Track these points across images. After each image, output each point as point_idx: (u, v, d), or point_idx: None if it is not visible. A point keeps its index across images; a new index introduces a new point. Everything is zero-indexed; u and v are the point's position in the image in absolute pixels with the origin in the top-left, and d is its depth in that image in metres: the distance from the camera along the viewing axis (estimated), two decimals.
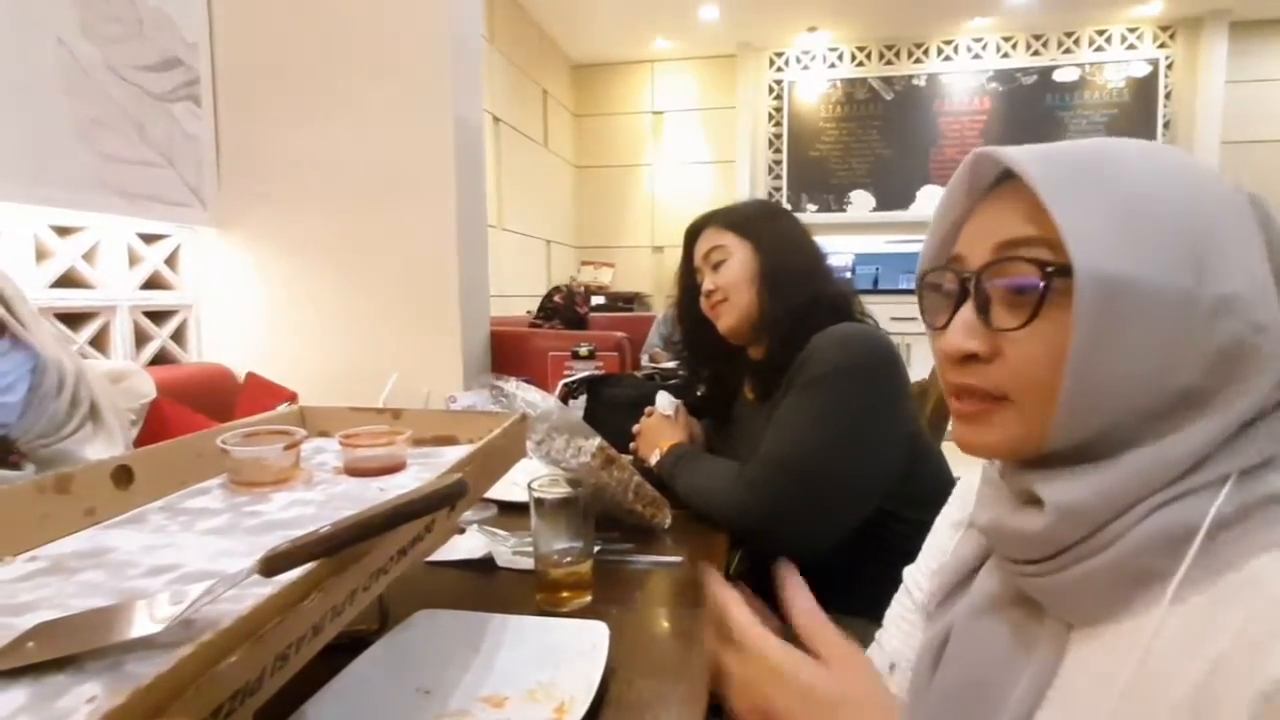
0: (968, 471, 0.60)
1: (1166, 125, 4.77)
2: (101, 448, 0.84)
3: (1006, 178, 0.45)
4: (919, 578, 0.64)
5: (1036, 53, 4.92)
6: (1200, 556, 0.37)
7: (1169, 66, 4.77)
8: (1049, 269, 0.40)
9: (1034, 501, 0.42)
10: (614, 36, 4.96)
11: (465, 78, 1.70)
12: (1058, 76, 4.88)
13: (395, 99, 1.65)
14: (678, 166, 5.40)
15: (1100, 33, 4.84)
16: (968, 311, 0.44)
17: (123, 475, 0.60)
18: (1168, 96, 4.78)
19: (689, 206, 5.33)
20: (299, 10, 1.66)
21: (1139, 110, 4.78)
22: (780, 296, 1.05)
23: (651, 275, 5.36)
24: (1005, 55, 4.95)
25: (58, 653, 0.38)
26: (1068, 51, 4.89)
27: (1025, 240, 0.42)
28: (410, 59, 1.64)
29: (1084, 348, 0.38)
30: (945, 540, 0.61)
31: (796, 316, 1.02)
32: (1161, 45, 4.79)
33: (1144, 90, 4.79)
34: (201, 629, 0.41)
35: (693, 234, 1.18)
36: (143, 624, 0.39)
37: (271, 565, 0.42)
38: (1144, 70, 4.80)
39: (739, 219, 1.13)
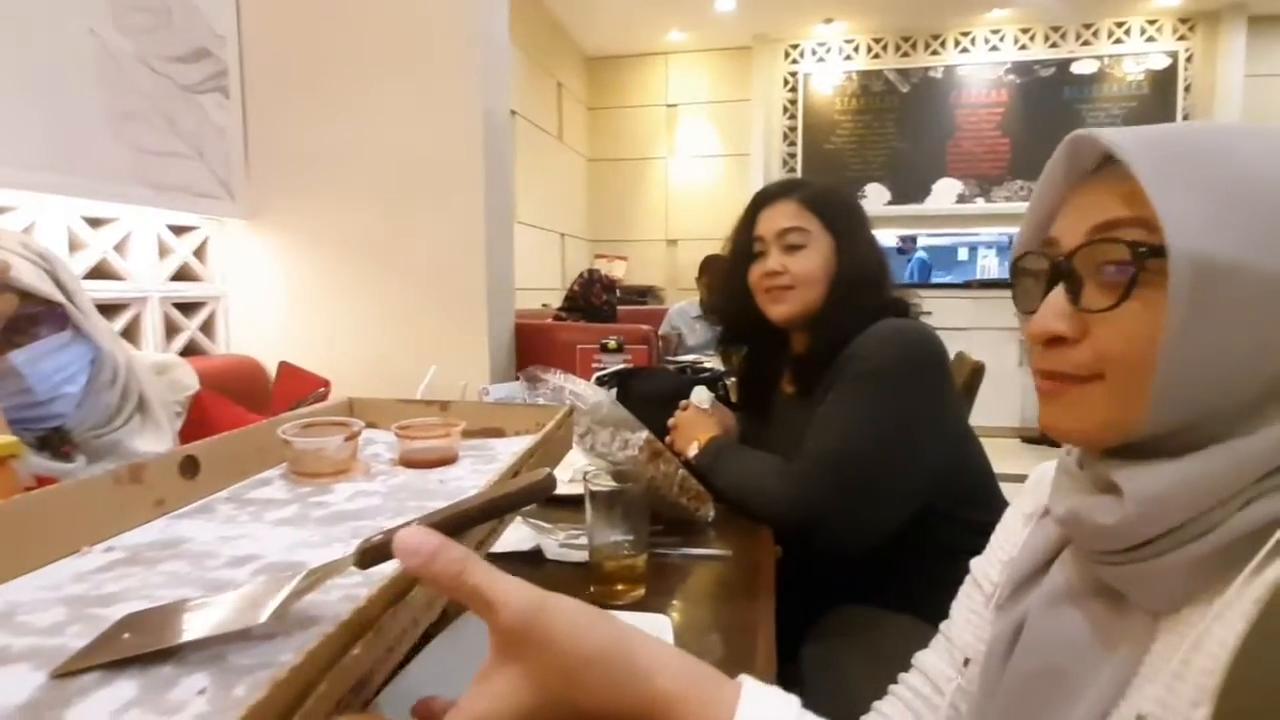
0: (1043, 463, 0.60)
1: (1185, 118, 4.72)
2: (150, 439, 0.84)
3: (1106, 163, 0.44)
4: (988, 570, 0.63)
5: (1054, 45, 4.87)
6: None
7: (1188, 59, 4.73)
8: (1141, 249, 0.39)
9: (1112, 489, 0.42)
10: (628, 29, 4.94)
11: (492, 70, 1.69)
12: (1076, 69, 4.84)
13: (423, 91, 1.64)
14: (691, 160, 5.38)
15: (1119, 25, 4.79)
16: (1058, 294, 0.43)
17: (189, 465, 0.60)
18: (1187, 89, 4.74)
19: (702, 200, 5.33)
20: (327, 2, 1.65)
21: (1158, 103, 4.74)
22: (848, 302, 1.02)
23: (665, 269, 5.34)
24: (1023, 47, 4.91)
25: (157, 645, 0.38)
26: (1086, 44, 4.84)
27: (1120, 221, 0.41)
28: (438, 50, 1.63)
29: (1179, 329, 0.37)
30: (1016, 532, 0.61)
31: (857, 321, 0.99)
32: (1181, 38, 4.74)
33: (1163, 83, 4.75)
34: (296, 620, 0.41)
35: (766, 200, 1.11)
36: (242, 614, 0.39)
37: (367, 557, 0.41)
38: (1163, 63, 4.75)
39: (827, 206, 1.07)
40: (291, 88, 1.68)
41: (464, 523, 0.43)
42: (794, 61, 5.19)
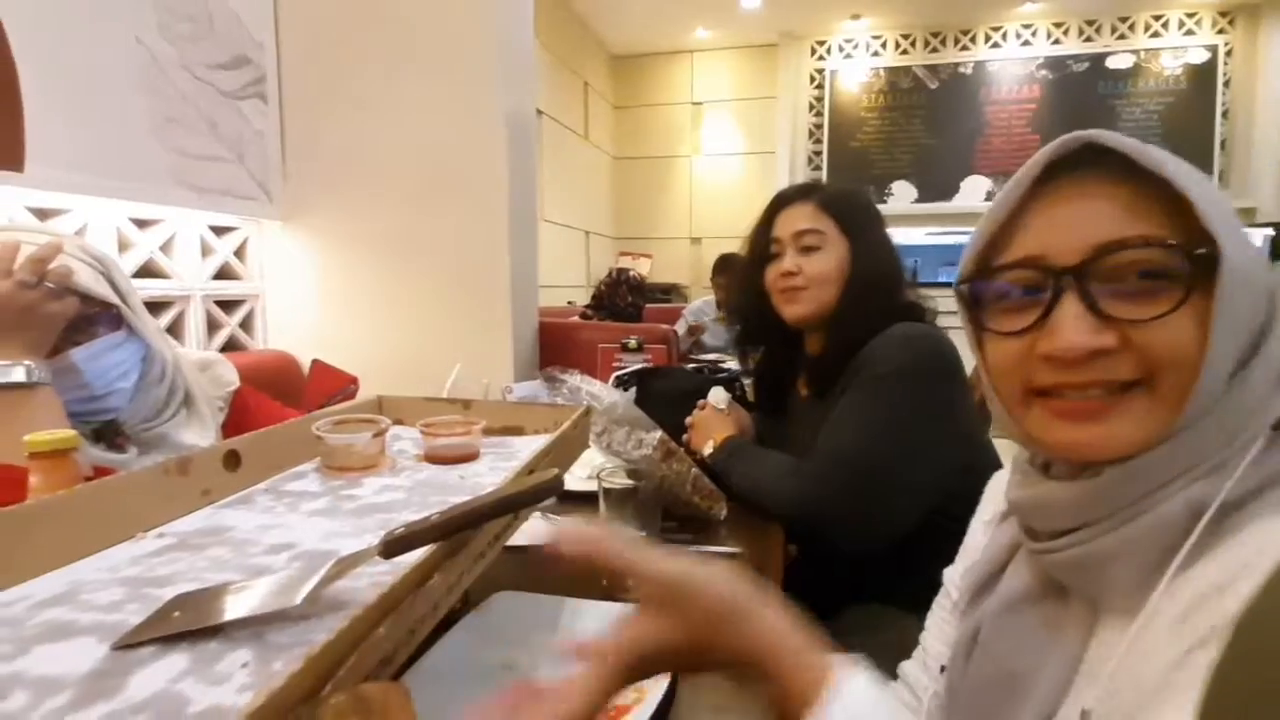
0: (1000, 471, 0.61)
1: (1225, 114, 4.59)
2: (195, 432, 0.89)
3: (1055, 173, 0.45)
4: (955, 578, 0.65)
5: (1089, 39, 4.77)
6: (1212, 531, 0.38)
7: (1228, 53, 4.59)
8: (1197, 253, 0.40)
9: (1076, 477, 0.44)
10: (654, 27, 4.96)
11: (517, 73, 1.73)
12: (1111, 63, 4.73)
13: (450, 95, 1.69)
14: (717, 158, 5.38)
15: (1156, 18, 4.67)
16: (1075, 308, 0.42)
17: (232, 459, 0.65)
18: (1226, 84, 4.60)
19: (727, 198, 5.33)
20: (359, 10, 1.71)
21: (1197, 98, 4.61)
22: (861, 305, 1.04)
23: (689, 266, 5.36)
24: (1056, 42, 4.81)
25: (205, 622, 0.42)
26: (1122, 38, 4.73)
27: (1140, 237, 0.41)
28: (464, 55, 1.67)
29: (1225, 327, 0.40)
30: (979, 540, 0.62)
31: (871, 323, 1.01)
32: (1220, 31, 4.60)
33: (1202, 78, 4.62)
34: (327, 603, 0.45)
35: (784, 202, 1.13)
36: (279, 597, 0.43)
37: (391, 548, 0.45)
38: (1202, 57, 4.62)
39: (843, 208, 1.08)
40: (325, 93, 1.74)
41: (478, 518, 0.47)
42: (820, 58, 5.16)
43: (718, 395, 1.22)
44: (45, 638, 0.41)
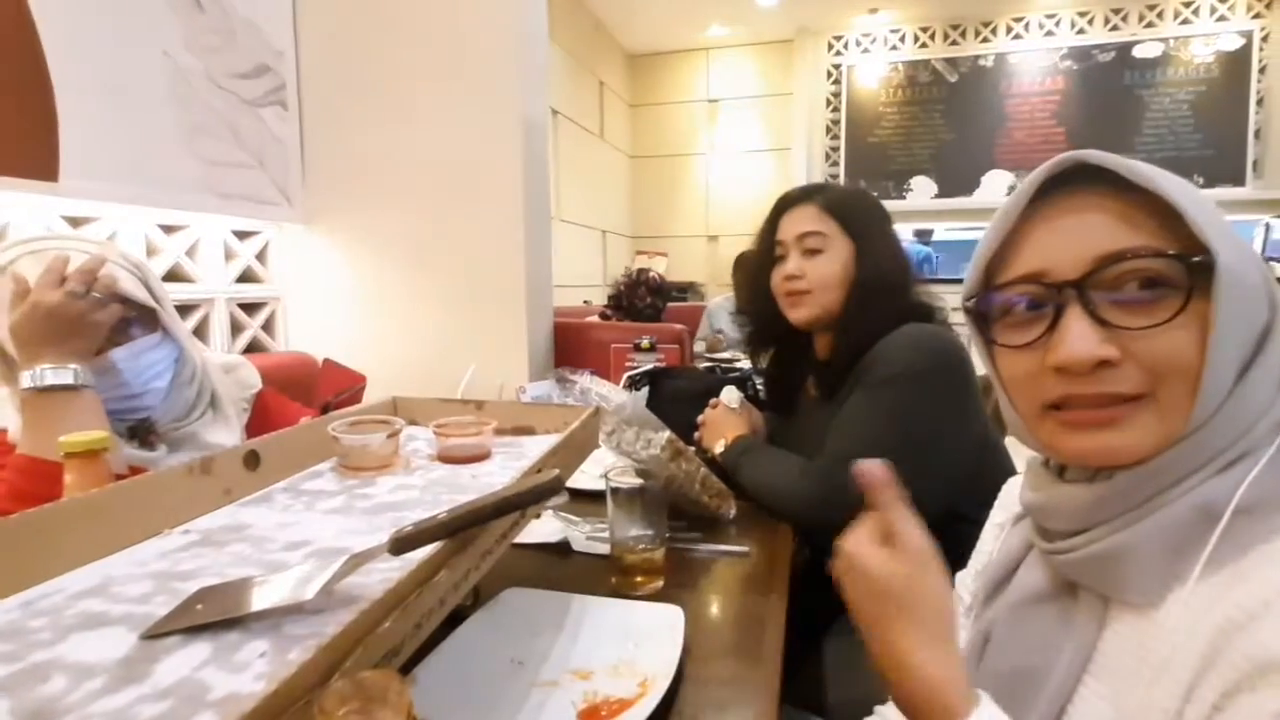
0: (1014, 477, 0.62)
1: (1260, 102, 4.47)
2: (221, 432, 0.93)
3: (1051, 189, 0.46)
4: (967, 581, 0.65)
5: (1115, 27, 4.67)
6: (1228, 533, 0.39)
7: (1264, 39, 4.46)
8: (1194, 261, 0.41)
9: (1092, 479, 0.45)
10: (669, 25, 4.95)
11: (531, 77, 1.75)
12: (1138, 52, 4.63)
13: (466, 100, 1.71)
14: (733, 155, 5.37)
15: (1186, 4, 4.56)
16: (1080, 320, 0.43)
17: (252, 459, 0.68)
18: (1262, 71, 4.48)
19: (744, 195, 5.32)
20: (376, 17, 1.74)
21: (1229, 86, 4.49)
22: (867, 307, 1.03)
23: (705, 265, 5.35)
24: (1081, 31, 4.72)
25: (226, 614, 0.45)
26: (1150, 25, 4.62)
27: (1138, 248, 0.42)
28: (479, 62, 1.70)
29: (1224, 332, 0.40)
30: (990, 544, 0.63)
31: (879, 325, 1.00)
32: (1256, 15, 4.48)
33: (1235, 65, 4.49)
34: (340, 598, 0.47)
35: (787, 205, 1.12)
36: (294, 591, 0.45)
37: (400, 545, 0.47)
38: (1236, 43, 4.50)
39: (848, 210, 1.07)
40: (343, 99, 1.78)
41: (482, 517, 0.49)
42: (837, 54, 5.11)
43: (730, 394, 1.23)
44: (81, 627, 0.44)
